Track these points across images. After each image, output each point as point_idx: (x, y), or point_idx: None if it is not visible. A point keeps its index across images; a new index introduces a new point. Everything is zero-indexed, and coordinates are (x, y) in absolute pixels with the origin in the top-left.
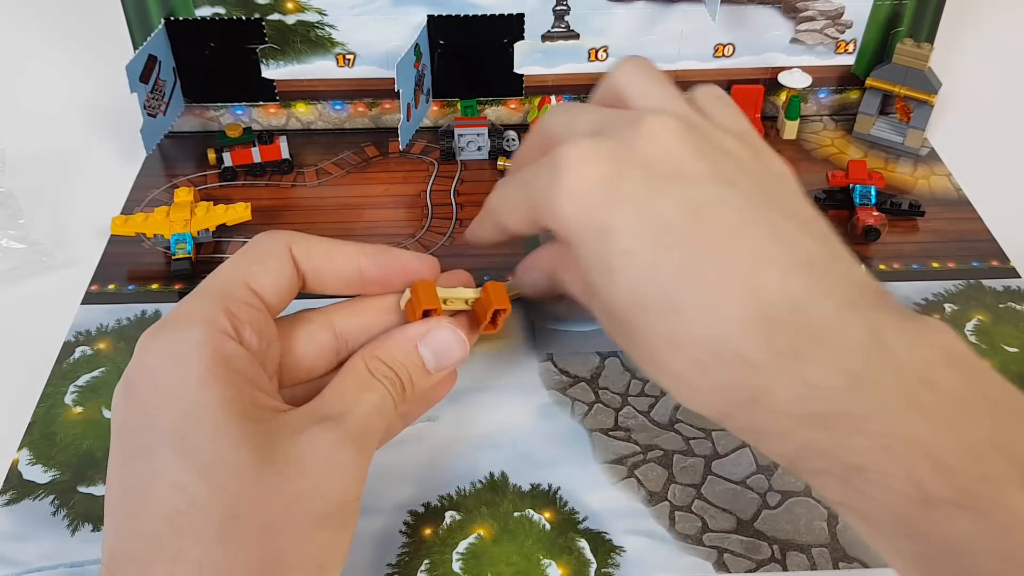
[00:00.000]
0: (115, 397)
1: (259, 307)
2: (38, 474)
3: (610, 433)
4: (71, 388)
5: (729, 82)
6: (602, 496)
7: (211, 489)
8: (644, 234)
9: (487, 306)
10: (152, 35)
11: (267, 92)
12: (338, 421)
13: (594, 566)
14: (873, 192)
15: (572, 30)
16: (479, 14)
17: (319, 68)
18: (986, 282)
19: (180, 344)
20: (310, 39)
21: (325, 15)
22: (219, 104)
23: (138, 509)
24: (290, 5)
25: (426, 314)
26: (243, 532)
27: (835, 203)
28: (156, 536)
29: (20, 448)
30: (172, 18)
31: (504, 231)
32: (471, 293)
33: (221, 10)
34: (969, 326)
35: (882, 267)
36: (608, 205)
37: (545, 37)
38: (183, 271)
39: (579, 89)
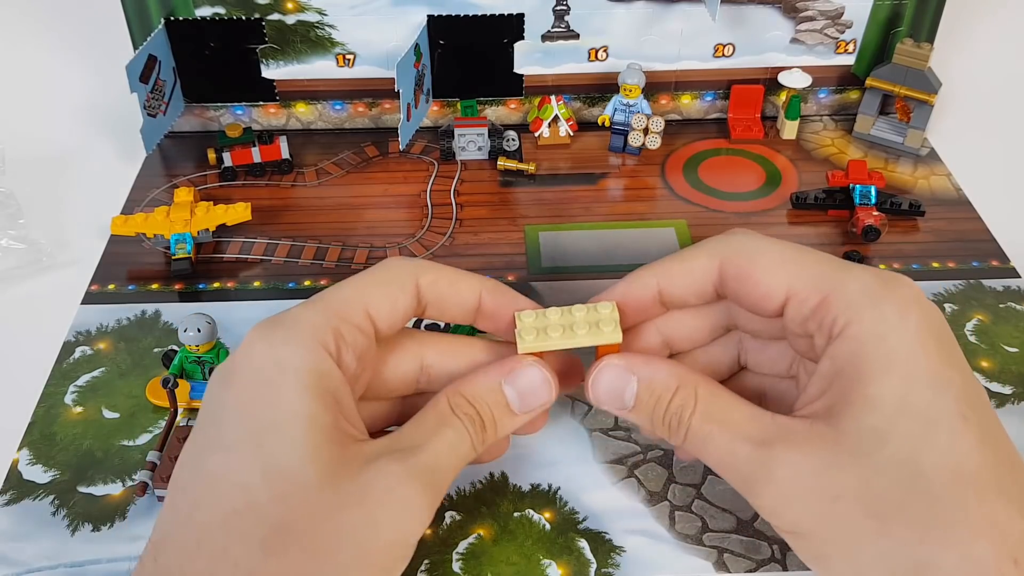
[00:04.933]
0: (212, 382)
1: (369, 333)
2: (38, 474)
3: (610, 433)
4: (71, 388)
5: (729, 82)
6: (602, 496)
7: (272, 497)
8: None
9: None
10: (152, 35)
11: (267, 92)
12: (408, 454)
13: (594, 566)
14: (873, 192)
15: (572, 30)
16: (479, 14)
17: (319, 68)
18: (986, 282)
19: (284, 350)
20: (310, 39)
21: (325, 15)
22: (219, 104)
23: (199, 499)
24: (290, 5)
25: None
26: (287, 545)
27: (835, 203)
28: (208, 529)
29: (20, 448)
30: (172, 18)
31: (660, 289)
32: (580, 317)
33: (221, 10)
34: (969, 326)
35: (882, 267)
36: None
37: (545, 37)
38: (183, 271)
39: (579, 89)
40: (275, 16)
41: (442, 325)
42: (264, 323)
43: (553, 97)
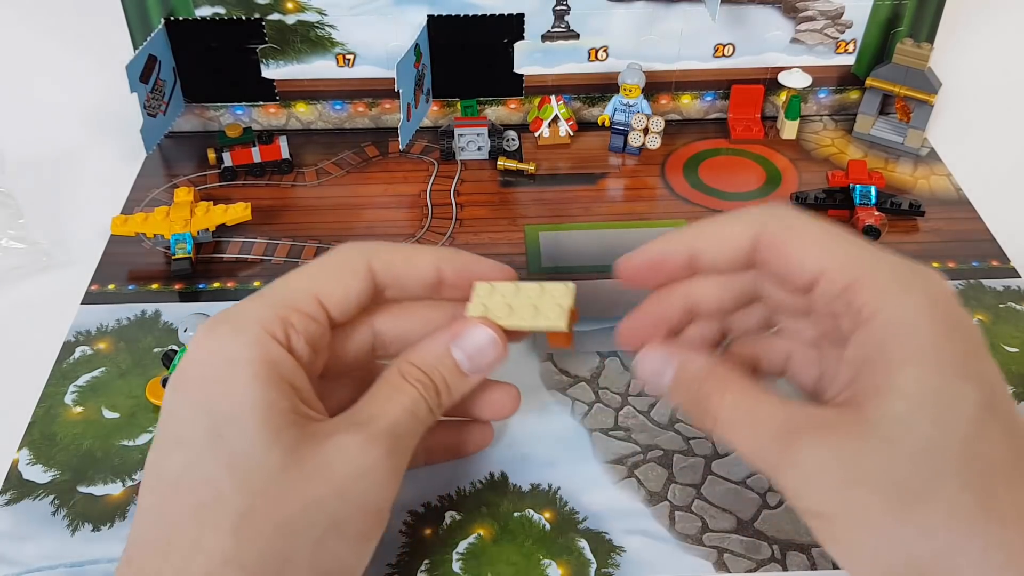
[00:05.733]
0: (168, 388)
1: (321, 320)
2: (38, 474)
3: (610, 433)
4: (71, 388)
5: (729, 82)
6: (602, 496)
7: (236, 486)
8: None
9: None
10: (152, 35)
11: (267, 92)
12: (366, 424)
13: (594, 566)
14: (873, 192)
15: (572, 30)
16: (479, 14)
17: (319, 68)
18: (986, 282)
19: (232, 344)
20: (310, 39)
21: (325, 15)
22: (219, 104)
23: (167, 498)
24: (290, 5)
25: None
26: (258, 528)
27: (835, 203)
28: (179, 525)
29: (20, 448)
30: (172, 18)
31: (695, 253)
32: (533, 297)
33: (221, 10)
34: None
35: None
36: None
37: (545, 37)
38: (183, 271)
39: (579, 89)
40: (275, 16)
41: None
42: (210, 321)
43: (553, 97)
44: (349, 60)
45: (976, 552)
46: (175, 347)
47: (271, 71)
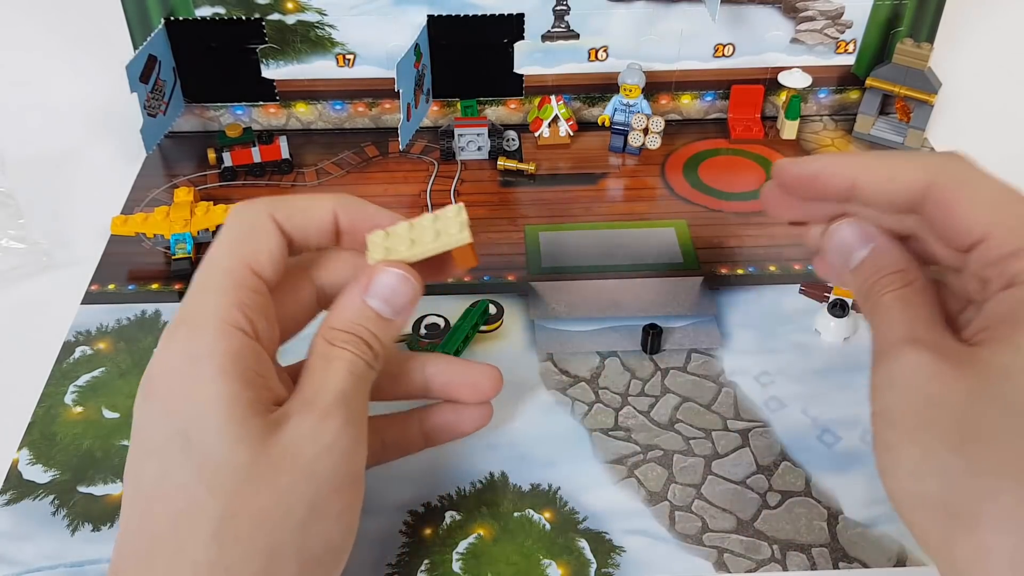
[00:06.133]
0: (137, 396)
1: (263, 291)
2: (38, 474)
3: (610, 433)
4: (71, 388)
5: (729, 82)
6: (602, 496)
7: (210, 490)
8: None
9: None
10: (152, 35)
11: (267, 92)
12: (312, 402)
13: (594, 566)
14: None
15: (572, 30)
16: (479, 14)
17: (319, 68)
18: None
19: (195, 344)
20: (310, 39)
21: (325, 15)
22: (219, 104)
23: (146, 508)
24: (290, 5)
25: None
26: (238, 530)
27: None
28: (160, 536)
29: (20, 448)
30: (172, 18)
31: (856, 184)
32: (428, 226)
33: (221, 10)
34: None
35: None
36: None
37: (545, 37)
38: (183, 271)
39: (579, 89)
40: (275, 16)
41: (442, 324)
42: (168, 328)
43: (553, 97)
44: (349, 60)
45: (1006, 505)
46: None
47: (271, 71)
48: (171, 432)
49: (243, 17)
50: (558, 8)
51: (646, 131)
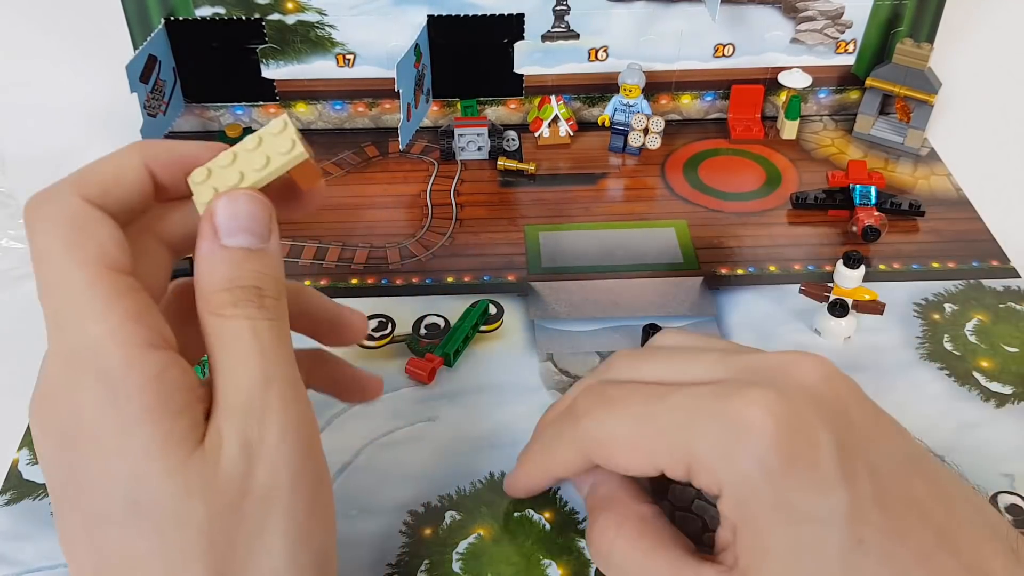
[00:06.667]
0: (47, 451)
1: (137, 286)
2: (38, 474)
3: None
4: None
5: (729, 82)
6: None
7: (186, 557)
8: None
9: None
10: (152, 35)
11: (267, 92)
12: (237, 407)
13: (594, 566)
14: (873, 192)
15: (572, 30)
16: (479, 14)
17: (319, 68)
18: (986, 282)
19: (109, 387)
20: (310, 39)
21: (325, 15)
22: (219, 104)
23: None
24: (290, 5)
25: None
26: (217, 569)
27: (835, 203)
28: None
29: (20, 448)
30: (172, 18)
31: (555, 479)
32: (252, 149)
33: (221, 10)
34: (969, 326)
35: (882, 267)
36: (840, 479)
37: (545, 37)
38: (183, 271)
39: (579, 89)
40: (275, 16)
41: (442, 324)
42: (58, 354)
43: (553, 97)
44: (349, 60)
45: None
46: None
47: (271, 71)
48: (116, 498)
49: (243, 17)
50: (558, 8)
51: (646, 131)
